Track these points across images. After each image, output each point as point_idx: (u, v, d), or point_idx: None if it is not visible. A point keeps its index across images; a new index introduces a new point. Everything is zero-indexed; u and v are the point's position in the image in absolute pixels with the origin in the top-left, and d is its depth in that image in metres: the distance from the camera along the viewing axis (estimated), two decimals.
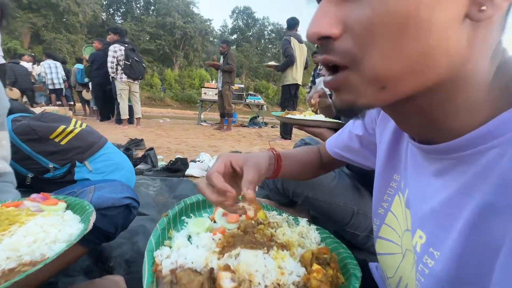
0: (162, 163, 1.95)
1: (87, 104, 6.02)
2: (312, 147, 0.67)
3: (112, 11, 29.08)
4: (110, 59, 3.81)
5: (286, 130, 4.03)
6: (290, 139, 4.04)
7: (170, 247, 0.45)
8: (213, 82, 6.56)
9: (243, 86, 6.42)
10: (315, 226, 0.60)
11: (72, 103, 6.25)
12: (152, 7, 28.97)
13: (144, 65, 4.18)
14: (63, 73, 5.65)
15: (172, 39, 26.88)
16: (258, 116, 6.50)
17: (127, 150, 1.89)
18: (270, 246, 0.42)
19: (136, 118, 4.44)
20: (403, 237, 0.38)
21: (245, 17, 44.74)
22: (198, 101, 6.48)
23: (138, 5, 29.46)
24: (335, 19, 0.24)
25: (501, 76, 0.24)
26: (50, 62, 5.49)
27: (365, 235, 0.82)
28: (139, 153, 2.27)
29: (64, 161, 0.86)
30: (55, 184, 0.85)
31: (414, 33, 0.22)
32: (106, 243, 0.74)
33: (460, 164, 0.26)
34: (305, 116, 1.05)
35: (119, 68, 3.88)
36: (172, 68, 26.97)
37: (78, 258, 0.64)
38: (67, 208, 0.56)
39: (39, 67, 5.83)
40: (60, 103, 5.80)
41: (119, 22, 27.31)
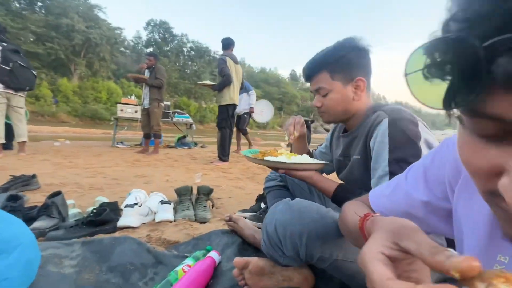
0: (74, 210, 1.37)
1: None
2: (360, 203, 0.53)
3: None
4: None
5: (224, 151, 3.81)
6: (228, 160, 3.84)
7: None
8: (131, 97, 5.68)
9: (169, 104, 5.85)
10: None
11: None
12: (40, 4, 23.76)
13: (34, 72, 3.16)
14: None
15: (69, 44, 22.57)
16: (187, 136, 6.02)
17: (13, 199, 1.24)
18: None
19: (18, 143, 3.24)
20: None
21: (161, 31, 42.90)
22: (112, 118, 5.45)
23: None
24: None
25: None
26: None
27: None
28: (32, 197, 1.56)
29: None
30: None
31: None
32: None
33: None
34: (282, 155, 0.91)
35: None
36: (69, 77, 22.41)
37: None
38: None
39: None
40: None
41: None
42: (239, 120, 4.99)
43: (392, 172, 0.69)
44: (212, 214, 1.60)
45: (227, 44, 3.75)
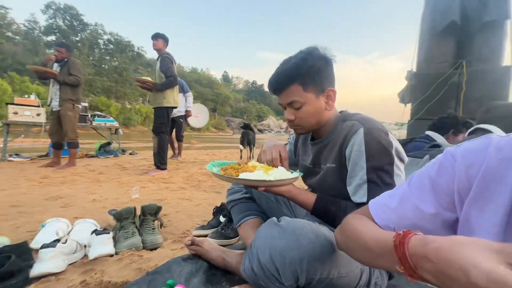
0: None
1: None
2: (365, 218, 0.51)
3: None
4: None
5: (163, 159, 3.43)
6: (166, 169, 3.48)
7: None
8: (30, 96, 4.47)
9: (86, 105, 4.89)
10: None
11: None
12: None
13: None
14: None
15: None
16: (112, 143, 5.19)
17: None
18: None
19: None
20: None
21: (67, 17, 36.29)
22: (1, 123, 4.18)
23: None
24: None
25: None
26: None
27: None
28: None
29: None
30: None
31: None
32: None
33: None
34: (258, 169, 0.85)
35: None
36: None
37: None
38: None
39: None
40: None
41: None
42: (174, 124, 4.55)
43: (370, 180, 0.72)
44: (162, 236, 1.39)
45: (167, 40, 3.41)
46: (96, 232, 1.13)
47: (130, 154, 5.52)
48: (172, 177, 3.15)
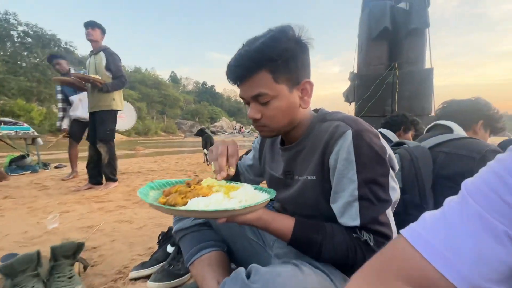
0: None
1: None
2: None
3: None
4: None
5: (115, 169, 2.96)
6: (102, 183, 2.93)
7: None
8: None
9: None
10: None
11: None
12: None
13: None
14: None
15: None
16: (27, 156, 4.20)
17: None
18: None
19: None
20: None
21: None
22: None
23: None
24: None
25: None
26: None
27: None
28: None
29: None
30: None
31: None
32: None
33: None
34: (216, 191, 0.62)
35: None
36: None
37: None
38: None
39: None
40: None
41: None
42: (85, 128, 3.60)
43: (362, 197, 0.56)
44: (87, 282, 1.03)
45: (105, 32, 2.90)
46: None
47: (56, 167, 4.59)
48: (108, 194, 2.63)
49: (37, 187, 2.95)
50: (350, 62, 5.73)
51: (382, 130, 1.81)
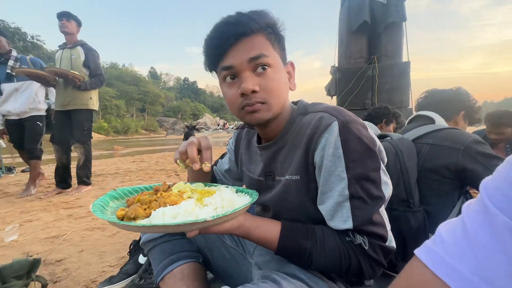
0: None
1: None
2: None
3: None
4: None
5: (90, 172, 2.79)
6: (71, 186, 2.72)
7: None
8: None
9: None
10: None
11: None
12: None
13: None
14: None
15: None
16: None
17: None
18: None
19: None
20: None
21: None
22: None
23: None
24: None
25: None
26: None
27: None
28: None
29: None
30: None
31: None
32: None
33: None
34: (187, 197, 0.54)
35: None
36: None
37: None
38: None
39: None
40: None
41: None
42: (23, 131, 2.72)
43: (353, 195, 0.50)
44: None
45: (80, 25, 2.68)
46: None
47: (23, 171, 4.23)
48: (80, 198, 2.44)
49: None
50: (330, 56, 5.76)
51: (364, 123, 1.80)
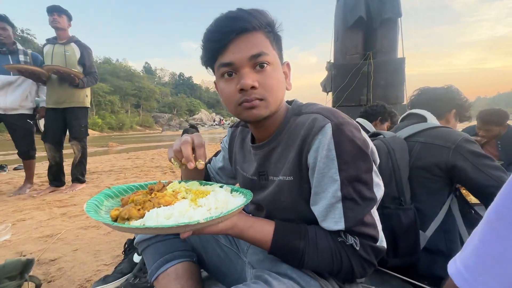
0: None
1: None
2: None
3: None
4: None
5: (85, 169, 2.79)
6: (64, 184, 2.70)
7: None
8: None
9: None
10: None
11: None
12: None
13: None
14: None
15: None
16: None
17: None
18: None
19: None
20: None
21: None
22: None
23: None
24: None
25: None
26: None
27: None
28: None
29: None
30: None
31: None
32: None
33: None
34: (181, 197, 0.54)
35: None
36: None
37: None
38: None
39: None
40: None
41: None
42: (16, 130, 2.57)
43: (346, 197, 0.50)
44: None
45: (71, 19, 2.63)
46: None
47: (15, 169, 4.18)
48: (74, 196, 2.42)
49: None
50: (326, 52, 5.74)
51: (359, 120, 1.80)
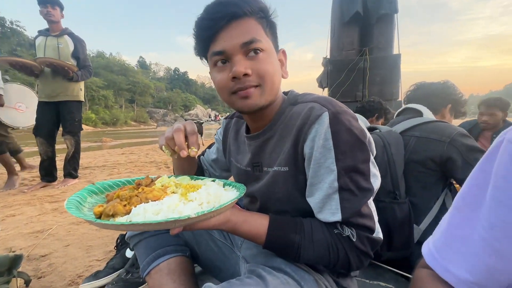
0: None
1: None
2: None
3: None
4: None
5: (78, 164, 2.75)
6: (56, 179, 2.65)
7: None
8: None
9: None
10: None
11: None
12: None
13: None
14: None
15: None
16: None
17: None
18: None
19: None
20: None
21: None
22: None
23: None
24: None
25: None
26: None
27: None
28: None
29: None
30: None
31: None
32: None
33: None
34: (171, 192, 0.52)
35: None
36: None
37: None
38: None
39: None
40: None
41: None
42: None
43: (342, 187, 0.49)
44: None
45: (63, 9, 2.55)
46: None
47: None
48: (66, 192, 2.38)
49: None
50: (322, 48, 5.72)
51: (356, 115, 1.82)
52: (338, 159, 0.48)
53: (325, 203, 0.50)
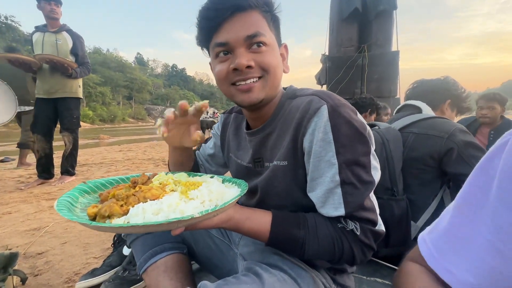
0: None
1: None
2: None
3: None
4: None
5: (75, 161, 2.74)
6: (53, 176, 2.63)
7: None
8: None
9: None
10: None
11: None
12: None
13: None
14: None
15: None
16: None
17: None
18: None
19: None
20: None
21: None
22: None
23: None
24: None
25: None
26: None
27: None
28: None
29: None
30: None
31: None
32: None
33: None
34: (170, 190, 0.50)
35: None
36: None
37: None
38: None
39: None
40: None
41: None
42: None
43: (344, 181, 0.49)
44: None
45: (61, 5, 2.52)
46: None
47: (1, 161, 4.06)
48: (63, 189, 2.36)
49: None
50: (321, 45, 5.70)
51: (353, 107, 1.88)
52: (339, 152, 0.48)
53: (327, 197, 0.50)
